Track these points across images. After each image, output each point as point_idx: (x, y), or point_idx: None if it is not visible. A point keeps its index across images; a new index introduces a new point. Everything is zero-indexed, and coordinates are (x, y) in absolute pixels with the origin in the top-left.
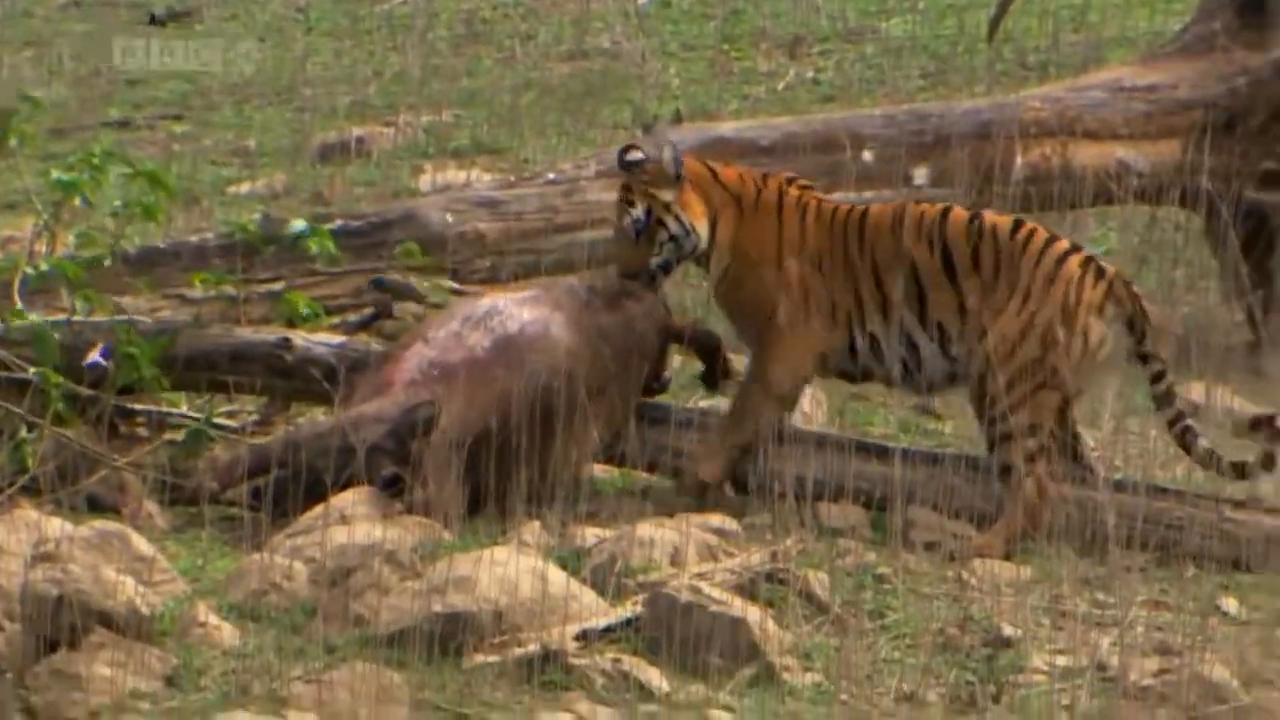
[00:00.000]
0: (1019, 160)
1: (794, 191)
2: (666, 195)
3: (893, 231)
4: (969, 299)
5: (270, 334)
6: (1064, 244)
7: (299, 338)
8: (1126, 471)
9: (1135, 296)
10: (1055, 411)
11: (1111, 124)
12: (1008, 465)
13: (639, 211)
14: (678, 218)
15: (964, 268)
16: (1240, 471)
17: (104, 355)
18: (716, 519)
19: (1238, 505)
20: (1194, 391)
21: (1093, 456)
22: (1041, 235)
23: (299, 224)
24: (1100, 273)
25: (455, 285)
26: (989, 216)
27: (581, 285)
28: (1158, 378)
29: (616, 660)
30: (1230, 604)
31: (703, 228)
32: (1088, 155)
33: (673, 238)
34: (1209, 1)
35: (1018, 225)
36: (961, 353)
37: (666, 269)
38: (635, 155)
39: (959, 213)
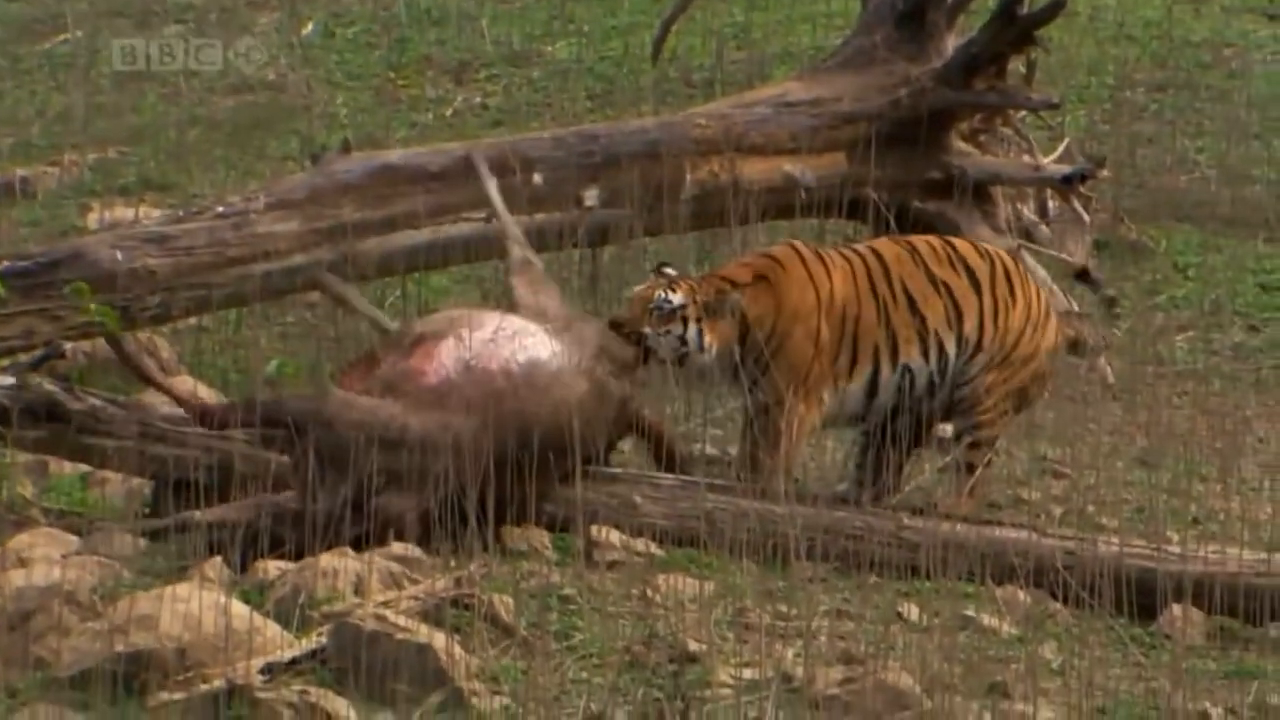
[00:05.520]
0: (688, 178)
1: (802, 248)
2: (704, 313)
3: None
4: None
5: None
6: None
7: None
8: (806, 483)
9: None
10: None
11: (777, 139)
12: (970, 464)
13: (677, 298)
14: (701, 332)
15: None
16: None
17: None
18: (400, 548)
19: (915, 513)
20: None
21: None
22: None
23: None
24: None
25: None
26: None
27: (597, 338)
28: None
29: (303, 692)
30: (911, 610)
31: (716, 351)
32: (755, 171)
33: (683, 340)
34: (869, 15)
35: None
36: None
37: (649, 352)
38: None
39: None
